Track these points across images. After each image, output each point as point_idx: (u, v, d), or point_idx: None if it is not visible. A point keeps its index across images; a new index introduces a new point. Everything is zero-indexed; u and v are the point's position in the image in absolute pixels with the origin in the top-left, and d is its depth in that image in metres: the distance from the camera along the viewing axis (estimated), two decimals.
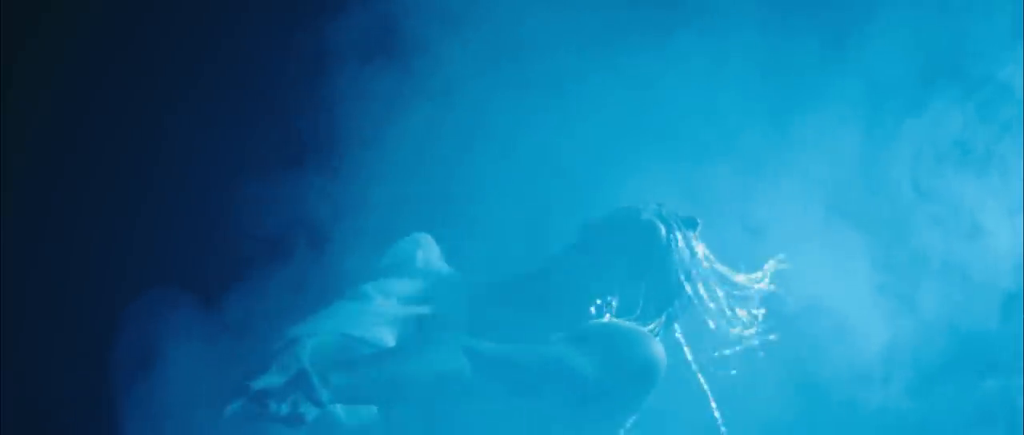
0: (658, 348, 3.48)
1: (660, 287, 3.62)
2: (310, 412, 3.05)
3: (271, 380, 3.06)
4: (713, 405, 3.72)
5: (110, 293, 4.18)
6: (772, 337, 3.76)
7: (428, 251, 3.63)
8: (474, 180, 4.06)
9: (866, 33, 4.20)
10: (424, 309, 3.48)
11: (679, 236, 3.64)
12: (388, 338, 3.39)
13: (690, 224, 3.68)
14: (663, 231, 3.62)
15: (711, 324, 3.68)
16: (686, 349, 3.67)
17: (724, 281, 3.69)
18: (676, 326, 3.66)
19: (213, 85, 4.41)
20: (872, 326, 4.24)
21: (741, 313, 3.72)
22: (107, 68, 4.46)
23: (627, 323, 3.53)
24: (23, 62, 4.43)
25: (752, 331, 3.72)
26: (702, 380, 3.69)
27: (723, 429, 3.72)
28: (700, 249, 3.68)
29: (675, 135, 4.11)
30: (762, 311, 3.75)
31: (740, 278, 3.72)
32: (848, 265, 4.22)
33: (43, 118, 4.45)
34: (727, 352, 3.72)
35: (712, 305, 3.68)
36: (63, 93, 4.48)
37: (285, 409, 3.04)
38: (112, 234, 4.42)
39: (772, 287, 3.76)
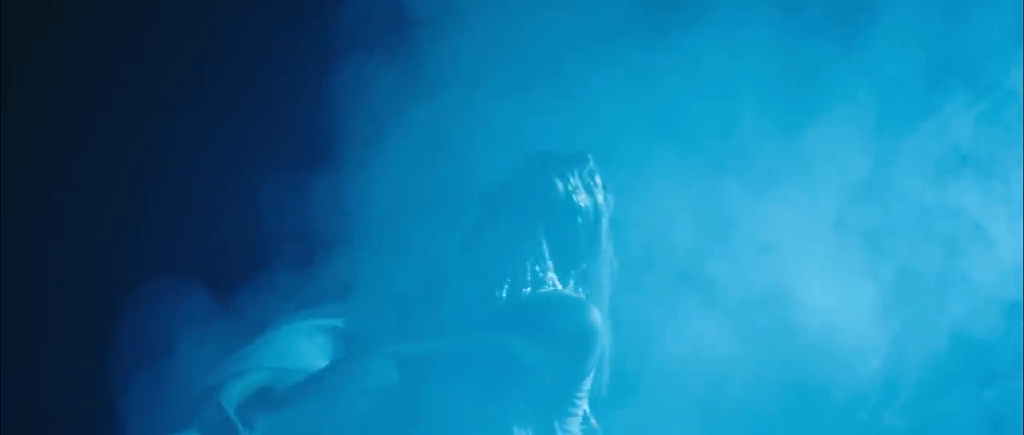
0: (588, 310, 3.40)
1: (568, 246, 3.51)
2: None
3: None
4: None
5: (110, 293, 4.16)
6: None
7: (350, 272, 3.59)
8: (478, 179, 4.02)
9: (872, 35, 4.18)
10: (352, 327, 3.42)
11: (578, 186, 3.54)
12: (318, 364, 3.33)
13: (580, 160, 3.57)
14: (560, 186, 3.52)
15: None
16: None
17: None
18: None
19: (216, 85, 4.39)
20: (876, 336, 4.22)
21: None
22: (107, 68, 4.46)
23: (554, 291, 3.46)
24: (24, 61, 4.42)
25: None
26: None
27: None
28: (601, 196, 3.58)
29: (681, 136, 4.09)
30: None
31: None
32: (852, 275, 4.20)
33: (45, 117, 4.44)
34: None
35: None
36: (64, 94, 4.48)
37: None
38: (114, 233, 4.42)
39: None
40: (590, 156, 3.58)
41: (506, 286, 3.43)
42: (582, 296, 3.50)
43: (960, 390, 4.38)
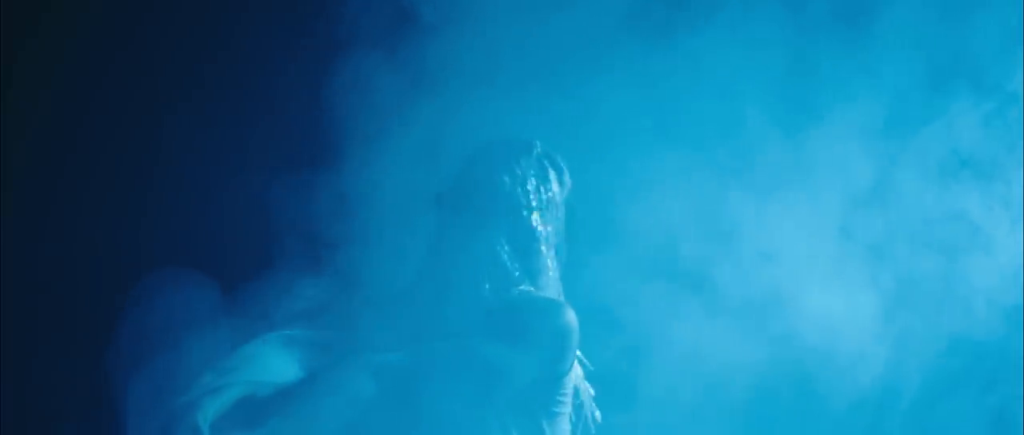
0: (563, 310, 3.35)
1: (527, 238, 3.45)
2: None
3: None
4: None
5: (111, 294, 4.14)
6: None
7: (353, 272, 3.53)
8: None
9: (873, 34, 4.17)
10: (331, 338, 3.38)
11: (527, 176, 3.47)
12: (296, 376, 3.28)
13: (527, 149, 3.50)
14: (507, 180, 3.46)
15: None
16: None
17: None
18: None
19: (217, 85, 4.39)
20: (877, 341, 4.21)
21: None
22: (107, 68, 4.45)
23: (526, 291, 3.40)
24: (24, 61, 4.41)
25: None
26: None
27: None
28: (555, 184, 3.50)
29: (684, 138, 4.07)
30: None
31: None
32: (853, 279, 4.19)
33: (45, 117, 4.44)
34: None
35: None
36: (65, 94, 4.47)
37: None
38: (114, 233, 4.41)
39: None
40: (537, 142, 3.52)
41: (475, 287, 3.39)
42: (557, 296, 3.45)
43: (962, 395, 4.37)
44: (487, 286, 3.39)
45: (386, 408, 3.25)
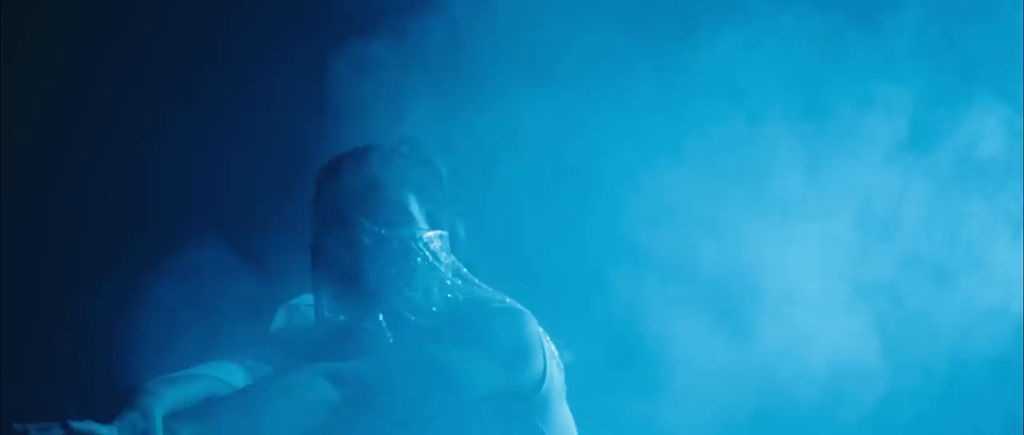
0: (522, 322, 3.21)
1: (423, 244, 3.29)
2: None
3: None
4: None
5: (109, 294, 4.14)
6: None
7: (295, 314, 3.47)
8: (489, 180, 3.99)
9: (877, 45, 4.17)
10: (294, 358, 3.31)
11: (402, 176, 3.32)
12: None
13: (395, 148, 3.34)
14: (388, 184, 3.28)
15: None
16: None
17: None
18: None
19: (214, 84, 4.38)
20: (878, 357, 4.20)
21: None
22: (106, 66, 4.44)
23: (483, 299, 3.26)
24: (19, 61, 4.40)
25: None
26: None
27: None
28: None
29: (692, 141, 4.07)
30: None
31: None
32: (857, 296, 4.18)
33: (45, 115, 4.42)
34: None
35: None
36: (60, 95, 4.45)
37: None
38: (113, 235, 4.39)
39: None
40: (403, 136, 3.38)
41: (392, 296, 3.30)
42: (516, 304, 3.38)
43: (964, 408, 4.37)
44: (406, 293, 3.32)
45: (347, 414, 3.17)
